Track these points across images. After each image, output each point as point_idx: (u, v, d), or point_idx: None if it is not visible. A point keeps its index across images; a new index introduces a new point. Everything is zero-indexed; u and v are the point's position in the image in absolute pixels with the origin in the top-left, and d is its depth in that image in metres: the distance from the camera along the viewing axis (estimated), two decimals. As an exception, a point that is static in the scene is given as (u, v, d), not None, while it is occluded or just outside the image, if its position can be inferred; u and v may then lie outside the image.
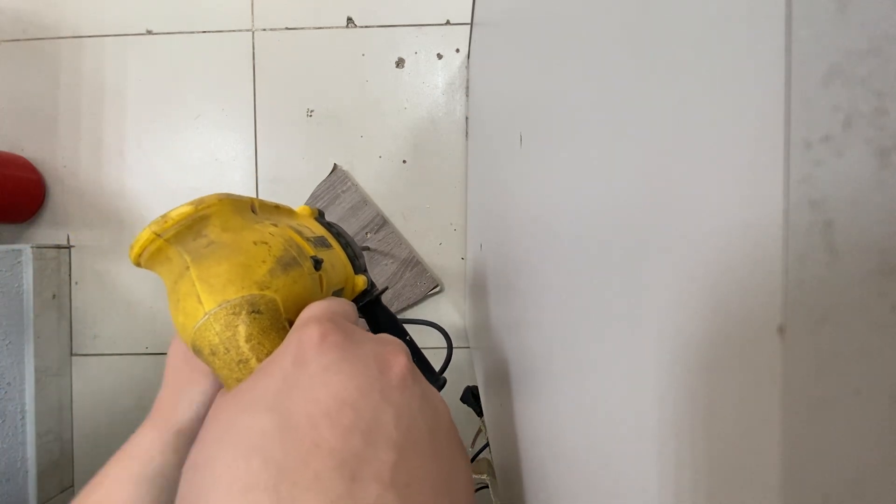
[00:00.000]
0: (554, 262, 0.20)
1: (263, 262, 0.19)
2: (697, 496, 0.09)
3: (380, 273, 0.79)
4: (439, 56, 0.79)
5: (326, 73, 0.80)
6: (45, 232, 0.82)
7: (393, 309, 0.79)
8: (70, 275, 0.81)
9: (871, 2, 0.06)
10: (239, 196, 0.22)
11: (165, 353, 0.24)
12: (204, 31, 0.81)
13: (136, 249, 0.19)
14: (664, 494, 0.10)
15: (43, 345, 0.76)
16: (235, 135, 0.81)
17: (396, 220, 0.80)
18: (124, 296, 0.81)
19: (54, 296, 0.78)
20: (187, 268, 0.19)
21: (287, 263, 0.20)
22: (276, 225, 0.23)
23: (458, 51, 0.79)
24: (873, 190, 0.06)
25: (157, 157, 0.81)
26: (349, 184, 0.79)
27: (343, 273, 0.28)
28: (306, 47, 0.80)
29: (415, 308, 0.80)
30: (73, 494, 0.80)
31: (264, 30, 0.80)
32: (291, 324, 0.20)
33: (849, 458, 0.06)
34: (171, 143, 0.81)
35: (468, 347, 0.79)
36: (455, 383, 0.81)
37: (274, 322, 0.19)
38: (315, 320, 0.17)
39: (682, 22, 0.09)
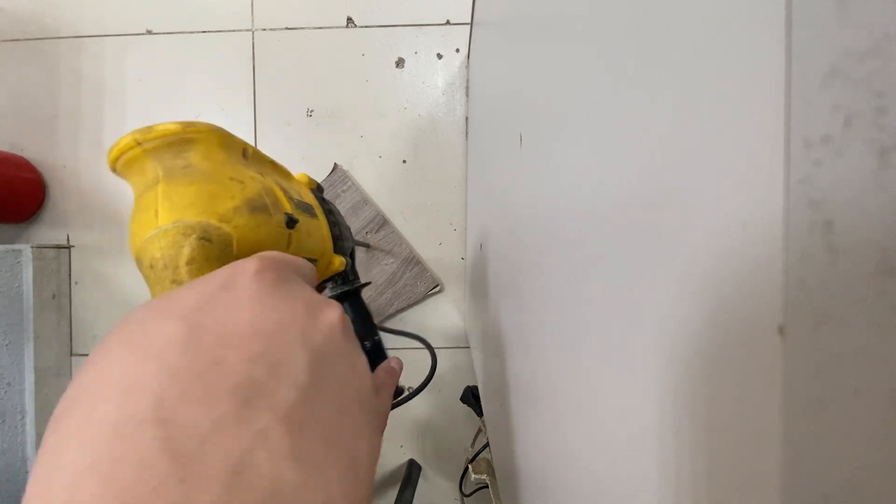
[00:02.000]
0: (554, 263, 0.20)
1: (232, 197, 0.19)
2: (697, 496, 0.09)
3: (380, 273, 0.79)
4: (439, 56, 0.79)
5: (326, 73, 0.80)
6: (45, 232, 0.82)
7: (393, 308, 0.79)
8: (70, 275, 0.81)
9: (871, 2, 0.06)
10: (234, 136, 0.22)
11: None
12: (204, 31, 0.80)
13: (114, 153, 0.19)
14: (664, 494, 0.10)
15: (43, 345, 0.75)
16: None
17: (397, 220, 0.80)
18: (124, 296, 0.81)
19: (54, 296, 0.78)
20: (157, 182, 0.19)
21: (256, 207, 0.20)
22: (261, 174, 0.23)
23: (458, 51, 0.79)
24: (873, 190, 0.06)
25: (157, 157, 0.81)
26: (349, 183, 0.79)
27: (321, 246, 0.28)
28: (306, 47, 0.80)
29: (415, 308, 0.80)
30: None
31: (264, 30, 0.80)
32: None
33: (849, 458, 0.06)
34: (171, 143, 0.81)
35: (468, 347, 0.79)
36: (455, 383, 0.81)
37: (221, 255, 0.18)
38: (259, 258, 0.17)
39: (682, 22, 0.09)
